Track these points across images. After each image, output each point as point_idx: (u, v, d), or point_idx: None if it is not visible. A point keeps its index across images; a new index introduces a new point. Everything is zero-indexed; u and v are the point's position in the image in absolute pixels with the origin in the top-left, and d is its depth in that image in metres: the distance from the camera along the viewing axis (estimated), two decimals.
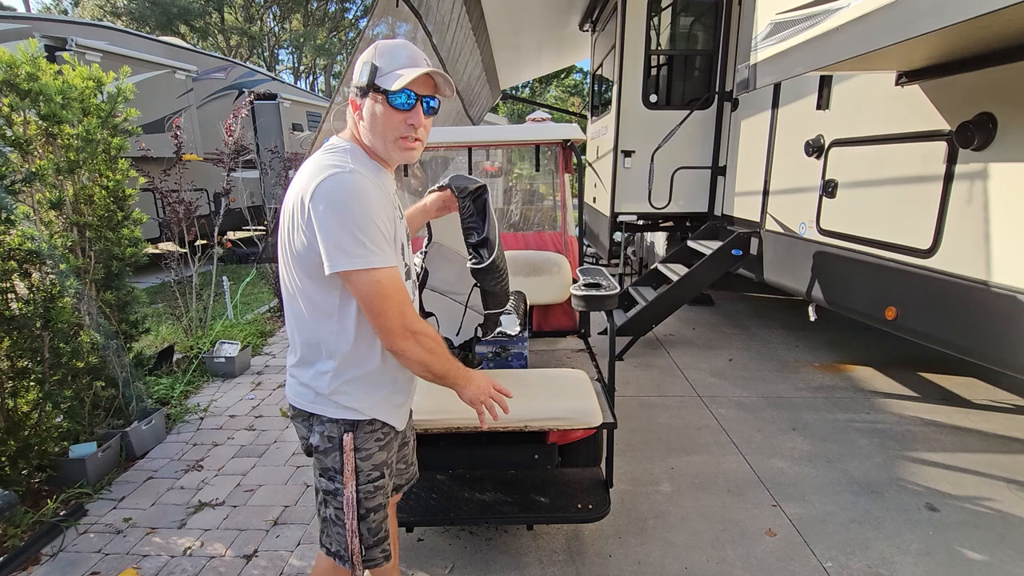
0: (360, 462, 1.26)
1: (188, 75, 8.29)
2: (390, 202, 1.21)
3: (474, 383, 1.30)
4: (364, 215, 1.09)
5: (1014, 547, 2.21)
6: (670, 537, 2.28)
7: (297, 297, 1.21)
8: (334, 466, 1.25)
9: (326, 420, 1.25)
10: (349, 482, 1.25)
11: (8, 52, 2.47)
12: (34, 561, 2.18)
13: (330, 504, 1.28)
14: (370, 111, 1.18)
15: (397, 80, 1.14)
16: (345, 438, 1.24)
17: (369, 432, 1.27)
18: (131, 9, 21.19)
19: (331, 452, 1.25)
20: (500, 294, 1.76)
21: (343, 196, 1.09)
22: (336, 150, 1.19)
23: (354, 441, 1.25)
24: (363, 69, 1.17)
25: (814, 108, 3.43)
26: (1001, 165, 2.22)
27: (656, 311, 4.38)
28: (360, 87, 1.18)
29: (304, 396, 1.26)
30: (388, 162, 1.27)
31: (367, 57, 1.18)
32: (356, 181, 1.11)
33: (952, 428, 3.21)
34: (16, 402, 2.47)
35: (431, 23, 4.76)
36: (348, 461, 1.24)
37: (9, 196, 2.38)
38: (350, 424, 1.25)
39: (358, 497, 1.26)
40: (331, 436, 1.25)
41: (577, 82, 25.87)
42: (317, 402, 1.24)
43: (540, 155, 3.17)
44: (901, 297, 2.72)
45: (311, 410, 1.25)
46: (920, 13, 1.63)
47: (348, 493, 1.25)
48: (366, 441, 1.27)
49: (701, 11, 5.22)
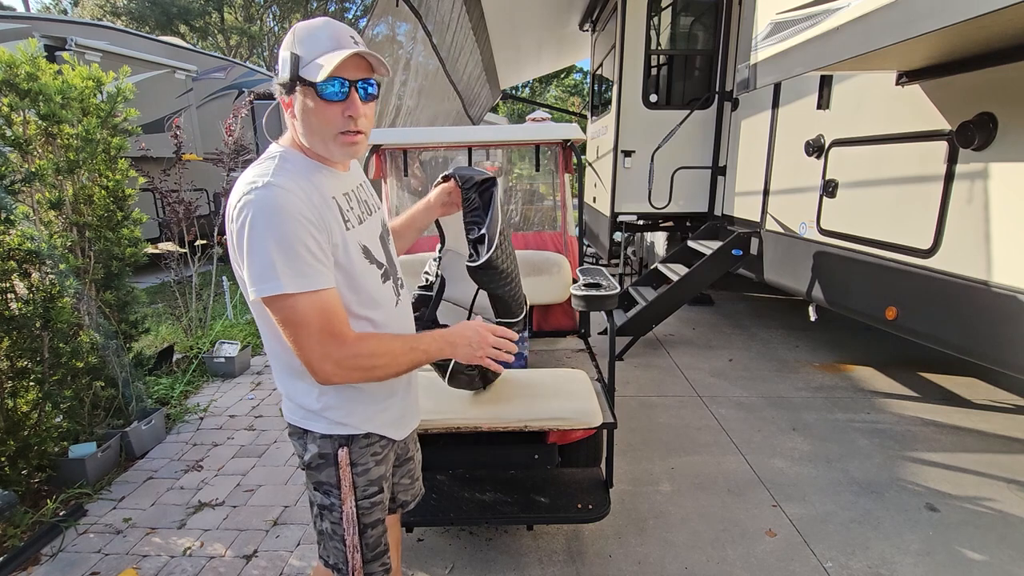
0: (356, 477, 1.22)
1: (188, 75, 8.29)
2: (328, 205, 1.08)
3: (462, 342, 1.19)
4: (278, 235, 0.98)
5: (1014, 547, 2.21)
6: (670, 537, 2.28)
7: (258, 314, 1.12)
8: (329, 480, 1.21)
9: (319, 436, 1.19)
10: (348, 498, 1.21)
11: (8, 52, 2.47)
12: (34, 561, 2.18)
13: (326, 518, 1.25)
14: (301, 108, 1.04)
15: (321, 70, 0.99)
16: (340, 453, 1.19)
17: (365, 447, 1.23)
18: (131, 9, 21.18)
19: (325, 467, 1.21)
20: (507, 300, 1.64)
21: (254, 217, 0.98)
22: (263, 160, 1.08)
23: (350, 456, 1.20)
24: (285, 61, 1.02)
25: (814, 108, 3.43)
26: (1001, 165, 2.22)
27: (656, 311, 4.38)
28: (284, 83, 1.03)
29: (295, 413, 1.21)
30: (332, 160, 1.14)
31: (287, 45, 1.03)
32: (270, 197, 0.98)
33: (952, 428, 3.21)
34: (16, 402, 2.47)
35: (431, 23, 4.76)
36: (345, 476, 1.20)
37: (9, 196, 2.38)
38: (344, 439, 1.20)
39: (357, 513, 1.23)
40: (324, 452, 1.20)
41: (577, 82, 25.86)
42: (309, 418, 1.19)
43: (540, 155, 3.17)
44: (901, 297, 2.72)
45: (303, 426, 1.21)
46: (920, 13, 1.63)
47: (347, 509, 1.22)
48: (362, 456, 1.22)
49: (701, 11, 5.22)
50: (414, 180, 3.50)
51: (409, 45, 4.79)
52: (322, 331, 1.02)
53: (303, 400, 1.18)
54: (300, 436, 1.22)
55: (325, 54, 1.01)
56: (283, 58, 1.03)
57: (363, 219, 1.19)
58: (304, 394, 1.17)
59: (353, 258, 1.12)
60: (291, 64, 1.01)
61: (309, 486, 1.26)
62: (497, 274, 1.53)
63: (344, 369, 1.05)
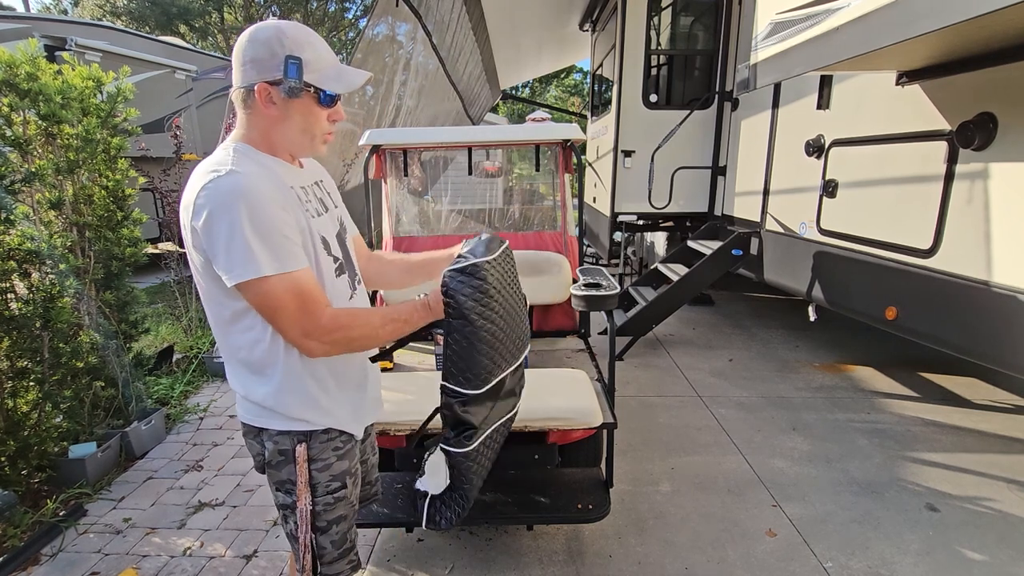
0: (317, 473, 1.19)
1: (188, 75, 8.28)
2: (288, 193, 1.10)
3: (436, 301, 1.17)
4: (251, 219, 0.98)
5: (1014, 547, 2.20)
6: (670, 537, 2.28)
7: (213, 313, 1.13)
8: (289, 478, 1.19)
9: (276, 433, 1.17)
10: (303, 495, 1.18)
11: (8, 52, 2.46)
12: (34, 561, 2.18)
13: (289, 519, 1.22)
14: (299, 110, 1.08)
15: (338, 84, 1.09)
16: (298, 449, 1.17)
17: (325, 442, 1.20)
18: (131, 9, 21.18)
19: (284, 465, 1.18)
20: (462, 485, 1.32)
21: (223, 204, 0.97)
22: (216, 154, 1.08)
23: (308, 451, 1.18)
24: (279, 62, 1.03)
25: (814, 108, 3.43)
26: (1001, 165, 2.22)
27: (656, 311, 4.38)
28: (294, 87, 1.04)
29: (250, 411, 1.18)
30: (297, 157, 1.18)
31: (276, 47, 1.03)
32: (237, 183, 0.98)
33: (952, 428, 3.21)
34: (16, 402, 2.47)
35: (431, 23, 4.76)
36: (302, 473, 1.17)
37: (9, 196, 2.38)
38: (302, 435, 1.18)
39: (315, 510, 1.21)
40: (283, 449, 1.18)
41: (577, 82, 25.86)
42: (263, 415, 1.17)
43: (540, 155, 3.17)
44: (901, 297, 2.72)
45: (259, 424, 1.18)
46: (920, 13, 1.63)
47: (301, 506, 1.19)
48: (322, 451, 1.20)
49: (701, 11, 5.22)
50: (414, 180, 3.50)
51: (409, 45, 4.79)
52: (299, 310, 1.04)
53: (259, 396, 1.15)
54: (256, 435, 1.21)
55: (332, 67, 1.10)
56: (277, 59, 1.03)
57: (320, 213, 1.20)
58: (259, 391, 1.14)
59: (315, 246, 1.14)
60: (296, 68, 1.03)
61: (272, 487, 1.23)
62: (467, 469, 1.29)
63: (325, 344, 1.08)
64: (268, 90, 1.05)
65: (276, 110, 1.07)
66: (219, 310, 1.11)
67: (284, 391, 1.14)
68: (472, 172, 3.29)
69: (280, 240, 1.02)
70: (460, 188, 3.77)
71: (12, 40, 5.31)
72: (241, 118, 1.11)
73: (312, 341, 1.06)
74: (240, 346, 1.13)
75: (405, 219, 3.33)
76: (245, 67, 1.06)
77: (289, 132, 1.10)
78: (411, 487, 2.09)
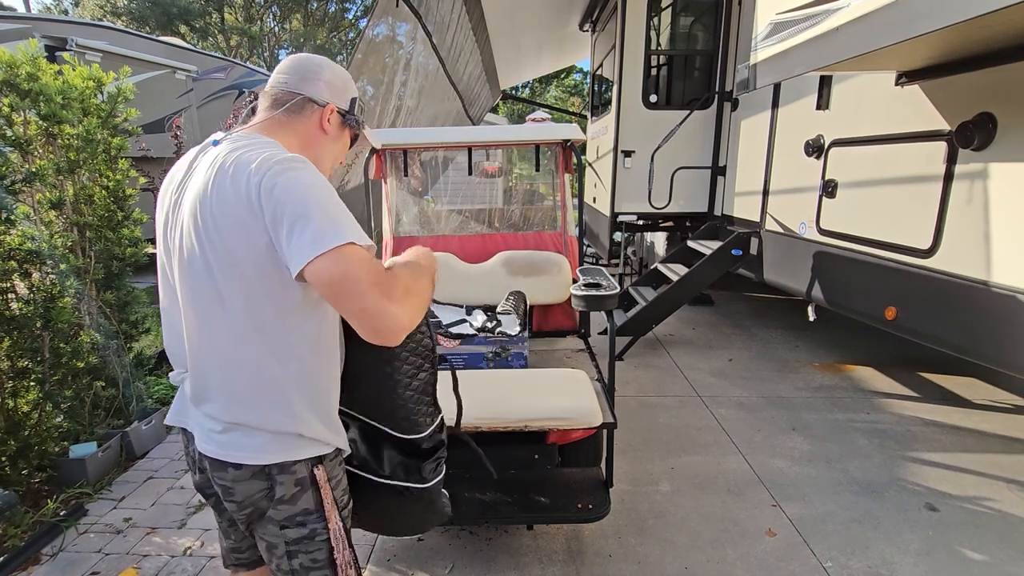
0: (334, 491, 1.12)
1: (188, 75, 8.28)
2: None
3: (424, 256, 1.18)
4: (331, 193, 0.99)
5: (1014, 547, 2.21)
6: (670, 537, 2.28)
7: (239, 320, 0.99)
8: (307, 507, 1.09)
9: (293, 464, 1.06)
10: (332, 515, 1.10)
11: (8, 52, 2.47)
12: (34, 561, 2.18)
13: (300, 553, 1.11)
14: (343, 140, 1.22)
15: (367, 132, 1.29)
16: (317, 472, 1.08)
17: (333, 458, 1.14)
18: (131, 9, 21.19)
19: (300, 495, 1.08)
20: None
21: (306, 176, 0.97)
22: (262, 146, 1.03)
23: (327, 472, 1.10)
24: (349, 97, 1.20)
25: (814, 108, 3.43)
26: (1001, 165, 2.22)
27: (656, 311, 4.38)
28: (356, 120, 1.20)
29: (261, 448, 1.04)
30: None
31: (350, 85, 1.21)
32: (309, 166, 1.00)
33: (952, 428, 3.21)
34: (16, 402, 2.47)
35: (431, 23, 4.76)
36: (327, 495, 1.09)
37: (9, 196, 2.38)
38: (316, 460, 1.09)
39: (346, 527, 1.14)
40: (300, 478, 1.07)
41: (577, 82, 25.86)
42: (284, 446, 1.05)
43: (540, 155, 3.17)
44: (901, 297, 2.72)
45: (278, 459, 1.05)
46: (920, 13, 1.63)
47: (334, 527, 1.10)
48: (334, 469, 1.14)
49: (701, 11, 5.22)
50: (414, 180, 3.51)
51: (409, 45, 4.79)
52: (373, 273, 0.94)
53: (281, 422, 1.04)
54: (265, 476, 1.06)
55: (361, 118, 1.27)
56: (348, 95, 1.20)
57: None
58: (283, 413, 1.03)
59: None
60: (359, 109, 1.23)
61: (270, 530, 1.10)
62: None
63: (403, 305, 0.97)
64: (334, 113, 1.16)
65: (330, 131, 1.17)
66: (275, 305, 0.99)
67: (315, 406, 1.06)
68: (472, 172, 3.29)
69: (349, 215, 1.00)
70: (460, 188, 3.78)
71: (13, 40, 5.31)
72: (280, 120, 1.11)
73: (393, 305, 0.94)
74: (297, 351, 1.03)
75: (405, 219, 3.33)
76: (319, 84, 1.14)
77: (328, 151, 1.20)
78: None
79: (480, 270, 2.93)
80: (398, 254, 1.23)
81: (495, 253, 3.00)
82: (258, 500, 1.08)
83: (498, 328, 2.45)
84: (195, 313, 1.02)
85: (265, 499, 1.07)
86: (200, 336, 1.03)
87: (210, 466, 1.08)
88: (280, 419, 1.04)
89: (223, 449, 1.05)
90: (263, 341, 1.01)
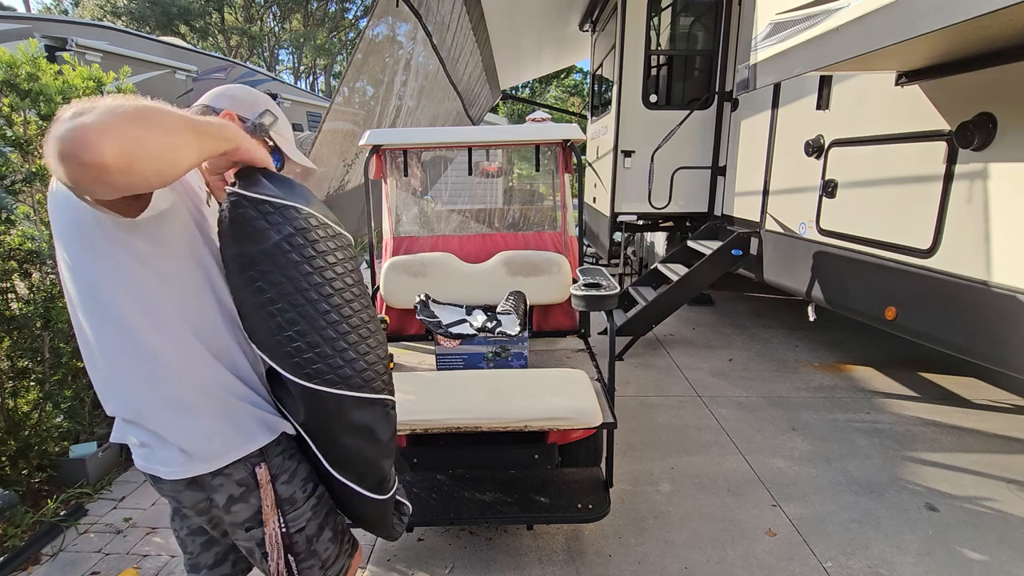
0: (283, 487, 1.08)
1: (188, 75, 8.28)
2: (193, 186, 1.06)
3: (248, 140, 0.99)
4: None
5: (1014, 547, 2.21)
6: (670, 537, 2.28)
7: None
8: (259, 504, 1.06)
9: (225, 467, 1.01)
10: (270, 519, 1.06)
11: (8, 52, 2.47)
12: (34, 561, 2.18)
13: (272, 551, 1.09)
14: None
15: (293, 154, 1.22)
16: (258, 472, 1.04)
17: (279, 453, 1.08)
18: (131, 9, 21.19)
19: (250, 496, 1.04)
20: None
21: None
22: None
23: (269, 470, 1.05)
24: (257, 109, 1.17)
25: (814, 108, 3.43)
26: (1001, 165, 2.22)
27: (656, 311, 4.38)
28: (255, 124, 1.14)
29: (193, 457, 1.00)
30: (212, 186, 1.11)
31: (261, 100, 1.19)
32: None
33: (952, 428, 3.21)
34: (16, 402, 2.47)
35: (431, 23, 4.76)
36: (267, 496, 1.05)
37: (9, 196, 2.38)
38: (257, 455, 1.04)
39: (309, 517, 1.11)
40: (241, 479, 1.03)
41: (577, 82, 25.86)
42: (210, 454, 1.00)
43: (540, 155, 3.17)
44: (901, 297, 2.72)
45: (209, 469, 1.00)
46: (920, 13, 1.63)
47: (271, 530, 1.06)
48: (280, 464, 1.08)
49: (701, 11, 5.22)
50: (414, 180, 3.51)
51: (409, 45, 4.79)
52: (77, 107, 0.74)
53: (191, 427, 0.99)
54: (198, 487, 1.02)
55: (292, 143, 1.24)
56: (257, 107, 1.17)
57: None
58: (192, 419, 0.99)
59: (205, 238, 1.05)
60: (268, 118, 1.16)
61: (237, 535, 1.08)
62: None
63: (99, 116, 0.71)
64: (232, 118, 1.12)
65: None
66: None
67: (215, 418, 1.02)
68: (472, 172, 3.29)
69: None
70: (460, 188, 3.77)
71: (13, 40, 5.31)
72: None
73: (85, 118, 0.71)
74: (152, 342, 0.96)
75: (405, 219, 3.33)
76: (222, 98, 1.15)
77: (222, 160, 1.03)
78: (411, 487, 2.10)
79: (480, 270, 2.93)
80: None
81: (495, 253, 3.00)
82: (208, 511, 1.07)
83: (498, 328, 2.45)
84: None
85: (212, 508, 1.06)
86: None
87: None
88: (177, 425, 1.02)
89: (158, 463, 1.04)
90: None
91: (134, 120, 0.74)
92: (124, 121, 0.73)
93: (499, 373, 2.31)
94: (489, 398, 2.00)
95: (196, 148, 0.84)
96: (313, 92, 19.48)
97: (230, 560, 1.25)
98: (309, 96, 12.81)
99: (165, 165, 0.79)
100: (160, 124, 0.78)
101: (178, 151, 0.80)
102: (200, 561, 1.23)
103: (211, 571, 1.24)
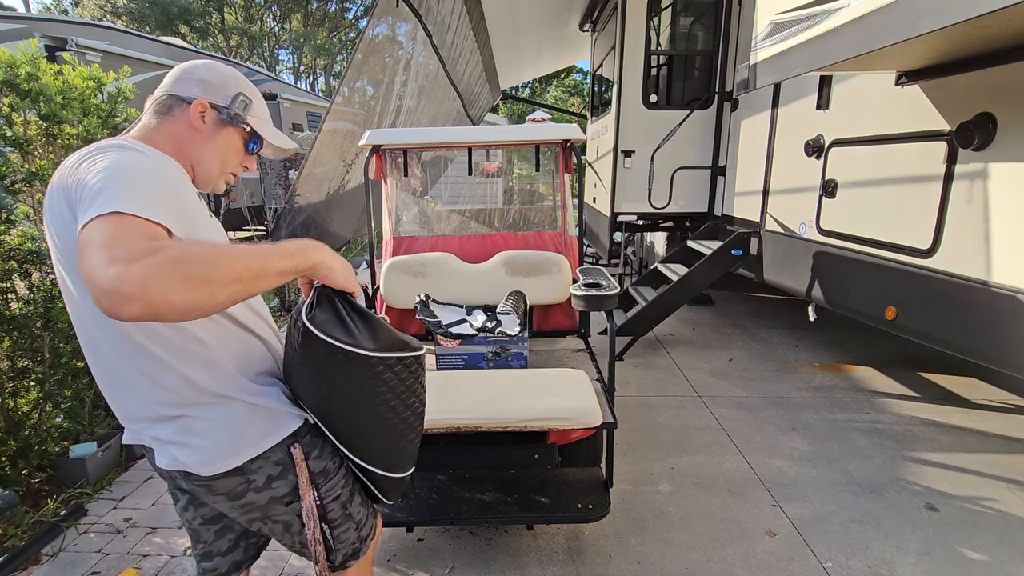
0: (314, 462, 1.15)
1: None
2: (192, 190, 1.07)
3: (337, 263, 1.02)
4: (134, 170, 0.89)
5: (1014, 547, 2.21)
6: (670, 537, 2.28)
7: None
8: (294, 484, 1.13)
9: (262, 454, 1.08)
10: (307, 493, 1.13)
11: (8, 52, 2.47)
12: (34, 561, 2.18)
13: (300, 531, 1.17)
14: (226, 139, 1.11)
15: (272, 138, 1.17)
16: (293, 451, 1.11)
17: (305, 434, 1.15)
18: (131, 9, 21.20)
19: (286, 475, 1.12)
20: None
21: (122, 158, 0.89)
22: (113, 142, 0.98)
23: (303, 448, 1.13)
24: (233, 96, 1.10)
25: (814, 108, 3.43)
26: (1001, 165, 2.22)
27: (656, 311, 4.38)
28: (231, 114, 1.09)
29: (218, 452, 1.05)
30: (198, 179, 1.11)
31: (231, 82, 1.11)
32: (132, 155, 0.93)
33: (952, 428, 3.21)
34: (16, 402, 2.47)
35: (431, 23, 4.76)
36: (302, 472, 1.12)
37: (9, 196, 2.38)
38: (291, 437, 1.11)
39: (339, 492, 1.19)
40: (279, 460, 1.11)
41: (577, 82, 25.88)
42: (243, 443, 1.06)
43: (540, 155, 3.17)
44: (901, 297, 2.72)
45: (255, 454, 1.07)
46: (920, 13, 1.63)
47: (307, 504, 1.14)
48: (311, 441, 1.16)
49: (701, 11, 5.22)
50: (414, 180, 3.51)
51: (409, 45, 4.79)
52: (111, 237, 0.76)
53: (222, 420, 1.05)
54: (239, 471, 1.07)
55: (271, 125, 1.19)
56: (228, 90, 1.10)
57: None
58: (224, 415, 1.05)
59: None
60: (242, 104, 1.11)
61: (275, 510, 1.13)
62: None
63: (140, 265, 0.72)
64: (205, 109, 1.07)
65: (203, 129, 1.08)
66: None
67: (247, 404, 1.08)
68: (472, 172, 3.29)
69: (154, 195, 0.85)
70: (460, 188, 3.78)
71: (13, 40, 5.31)
72: (148, 123, 1.06)
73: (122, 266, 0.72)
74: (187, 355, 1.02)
75: (405, 219, 3.33)
76: (189, 82, 1.08)
77: (205, 152, 1.09)
78: (412, 487, 2.10)
79: (480, 270, 2.93)
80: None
81: (495, 253, 3.00)
82: (246, 494, 1.11)
83: (498, 328, 2.45)
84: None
85: (254, 492, 1.11)
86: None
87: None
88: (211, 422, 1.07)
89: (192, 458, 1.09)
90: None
91: (201, 275, 0.77)
92: (187, 277, 0.75)
93: (499, 373, 2.31)
94: (489, 398, 2.00)
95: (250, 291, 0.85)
96: (313, 92, 19.49)
97: (242, 546, 1.30)
98: (309, 96, 12.81)
99: (214, 309, 0.82)
100: (223, 280, 0.80)
101: (231, 299, 0.82)
102: (214, 549, 1.27)
103: (224, 557, 1.28)
